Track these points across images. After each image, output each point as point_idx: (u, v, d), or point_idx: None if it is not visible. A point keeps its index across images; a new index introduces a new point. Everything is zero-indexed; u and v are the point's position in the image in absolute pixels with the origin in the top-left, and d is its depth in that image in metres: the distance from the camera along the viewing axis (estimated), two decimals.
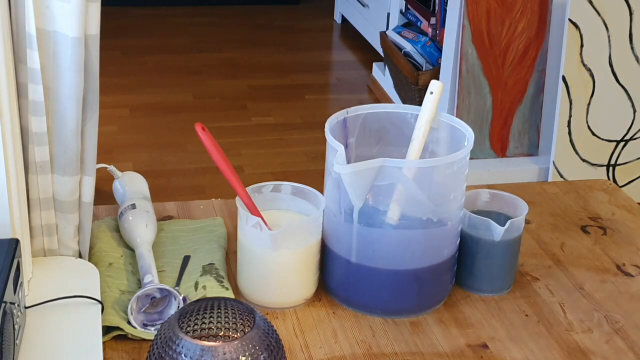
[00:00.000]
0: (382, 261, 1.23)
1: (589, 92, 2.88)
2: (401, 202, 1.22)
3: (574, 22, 2.79)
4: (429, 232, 1.24)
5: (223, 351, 0.96)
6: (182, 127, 3.64)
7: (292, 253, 1.24)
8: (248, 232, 1.24)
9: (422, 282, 1.26)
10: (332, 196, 1.25)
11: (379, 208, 1.23)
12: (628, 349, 1.21)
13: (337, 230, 1.26)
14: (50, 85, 1.16)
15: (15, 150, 1.15)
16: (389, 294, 1.25)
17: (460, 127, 1.28)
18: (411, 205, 1.23)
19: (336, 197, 1.24)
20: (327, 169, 1.25)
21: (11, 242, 1.11)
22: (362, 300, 1.26)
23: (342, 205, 1.23)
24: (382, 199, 1.22)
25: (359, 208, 1.21)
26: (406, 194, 1.22)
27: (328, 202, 1.26)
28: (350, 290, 1.26)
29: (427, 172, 1.22)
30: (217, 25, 4.93)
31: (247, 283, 1.27)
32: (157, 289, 1.22)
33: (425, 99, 1.27)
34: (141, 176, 1.50)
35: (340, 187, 1.22)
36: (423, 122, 1.26)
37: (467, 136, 1.26)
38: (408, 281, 1.25)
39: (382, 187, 1.21)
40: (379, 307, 1.25)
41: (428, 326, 1.24)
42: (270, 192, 1.30)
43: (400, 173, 1.20)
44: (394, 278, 1.24)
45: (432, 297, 1.28)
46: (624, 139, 2.98)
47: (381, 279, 1.24)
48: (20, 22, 1.13)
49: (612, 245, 1.46)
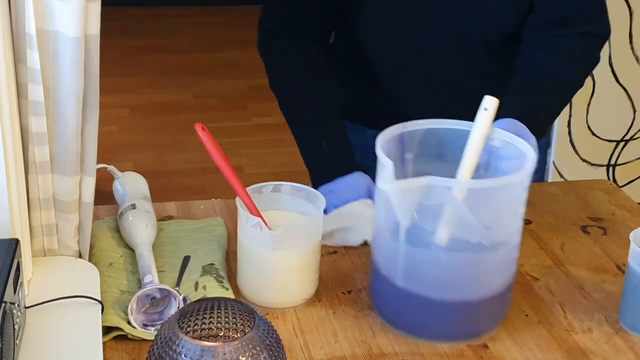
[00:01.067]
0: (428, 284, 1.17)
1: (589, 92, 2.88)
2: (450, 223, 1.15)
3: None
4: (479, 256, 1.17)
5: (223, 351, 0.96)
6: (182, 127, 3.64)
7: (292, 253, 1.24)
8: (248, 232, 1.24)
9: (471, 310, 1.19)
10: (380, 212, 1.20)
11: (426, 228, 1.16)
12: (628, 349, 1.21)
13: (383, 247, 1.21)
14: (50, 85, 1.16)
15: (15, 150, 1.15)
16: (435, 319, 1.20)
17: (520, 147, 1.21)
18: (461, 227, 1.16)
19: (383, 214, 1.19)
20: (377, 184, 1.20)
21: (11, 242, 1.11)
22: (408, 323, 1.21)
23: (389, 223, 1.18)
24: (430, 218, 1.16)
25: (406, 227, 1.15)
26: (455, 216, 1.15)
27: (377, 218, 1.22)
28: (397, 311, 1.21)
29: (478, 193, 1.14)
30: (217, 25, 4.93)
31: (247, 283, 1.27)
32: (157, 289, 1.22)
33: (478, 115, 1.20)
34: (141, 176, 1.50)
35: (387, 204, 1.16)
36: (475, 140, 1.19)
37: (529, 157, 1.18)
38: (455, 308, 1.19)
39: (431, 207, 1.14)
40: (425, 332, 1.20)
41: None
42: (271, 192, 1.30)
43: (448, 193, 1.13)
44: (440, 304, 1.18)
45: (481, 325, 1.21)
46: (624, 139, 2.98)
47: (427, 303, 1.18)
48: (20, 22, 1.13)
49: (612, 245, 1.45)
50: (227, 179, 1.23)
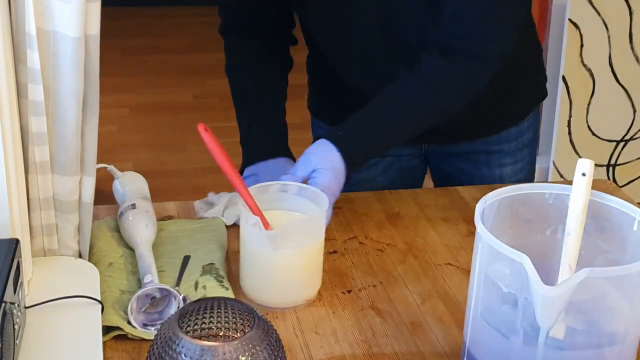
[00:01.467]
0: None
1: (589, 92, 2.88)
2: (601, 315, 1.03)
3: (574, 22, 2.79)
4: (616, 350, 1.03)
5: (223, 351, 0.96)
6: (182, 127, 3.64)
7: (293, 253, 1.24)
8: (249, 232, 1.24)
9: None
10: (499, 313, 1.04)
11: (575, 327, 1.04)
12: None
13: (509, 355, 1.03)
14: (50, 85, 1.16)
15: (15, 150, 1.15)
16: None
17: (626, 210, 1.08)
18: (607, 317, 1.04)
19: (509, 316, 1.03)
20: (481, 275, 1.05)
21: (11, 242, 1.11)
22: None
23: (522, 326, 1.01)
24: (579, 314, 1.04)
25: (547, 329, 1.00)
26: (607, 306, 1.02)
27: (489, 319, 1.05)
28: None
29: (631, 279, 0.99)
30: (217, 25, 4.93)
31: (249, 283, 1.27)
32: (157, 289, 1.22)
33: (575, 181, 1.05)
34: (141, 176, 1.50)
35: (518, 305, 1.01)
36: (578, 211, 1.03)
37: None
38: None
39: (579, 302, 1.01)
40: None
41: (428, 326, 1.24)
42: (277, 192, 1.30)
43: (606, 283, 1.00)
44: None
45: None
46: (624, 139, 2.98)
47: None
48: (20, 22, 1.13)
49: None
50: (229, 178, 1.23)
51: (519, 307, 1.01)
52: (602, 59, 2.85)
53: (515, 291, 1.01)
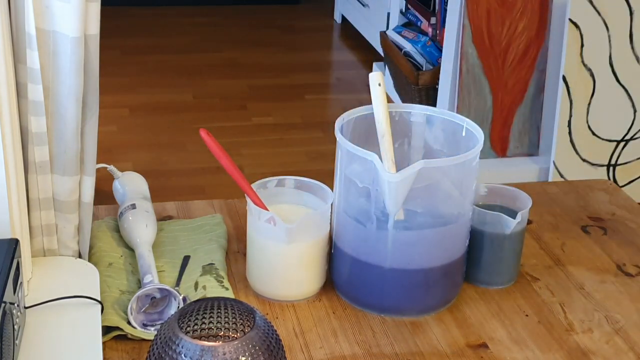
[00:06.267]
0: (414, 261, 1.24)
1: (589, 92, 2.88)
2: (432, 198, 1.24)
3: (574, 22, 2.79)
4: (452, 228, 1.26)
5: (223, 351, 0.96)
6: (182, 127, 3.64)
7: (304, 246, 1.26)
8: (261, 227, 1.25)
9: (448, 276, 1.27)
10: (357, 205, 1.25)
11: (416, 210, 1.25)
12: (628, 349, 1.21)
13: (366, 239, 1.25)
14: (50, 85, 1.16)
15: (15, 150, 1.15)
16: (398, 293, 1.25)
17: (456, 120, 1.29)
18: (445, 200, 1.26)
19: (364, 206, 1.24)
20: (342, 176, 1.25)
21: (11, 242, 1.11)
22: (393, 302, 1.26)
23: (375, 214, 1.23)
24: (420, 201, 1.24)
25: (394, 213, 1.21)
26: (439, 190, 1.25)
27: (349, 212, 1.26)
28: (383, 296, 1.26)
29: (458, 168, 1.22)
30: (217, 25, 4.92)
31: (259, 278, 1.28)
32: (157, 289, 1.22)
33: (374, 92, 1.24)
34: (141, 176, 1.50)
35: (370, 196, 1.22)
36: (384, 116, 1.23)
37: (473, 132, 1.26)
38: (434, 278, 1.26)
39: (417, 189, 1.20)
40: (389, 307, 1.26)
41: (428, 326, 1.24)
42: (275, 187, 1.31)
43: (439, 173, 1.21)
44: (425, 275, 1.25)
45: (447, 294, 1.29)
46: (624, 139, 2.98)
47: (412, 277, 1.25)
48: (20, 22, 1.13)
49: (612, 246, 1.45)
50: (235, 180, 1.24)
51: (371, 197, 1.22)
52: (602, 59, 2.85)
53: (368, 185, 1.22)
